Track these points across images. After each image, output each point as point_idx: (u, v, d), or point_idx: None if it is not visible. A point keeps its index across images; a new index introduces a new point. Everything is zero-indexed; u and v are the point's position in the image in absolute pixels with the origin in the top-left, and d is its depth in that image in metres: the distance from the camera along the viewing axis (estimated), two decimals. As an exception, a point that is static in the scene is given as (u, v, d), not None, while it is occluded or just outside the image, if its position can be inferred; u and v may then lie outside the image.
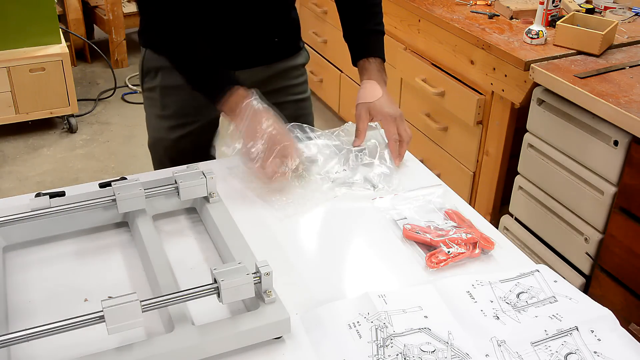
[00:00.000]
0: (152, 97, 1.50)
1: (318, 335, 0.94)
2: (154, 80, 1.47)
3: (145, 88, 1.52)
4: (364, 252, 1.12)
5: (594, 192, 1.75)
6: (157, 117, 1.51)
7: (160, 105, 1.49)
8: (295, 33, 1.54)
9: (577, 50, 1.93)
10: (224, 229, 1.09)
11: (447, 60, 2.25)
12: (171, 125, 1.49)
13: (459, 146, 2.31)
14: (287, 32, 1.51)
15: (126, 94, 3.77)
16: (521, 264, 1.10)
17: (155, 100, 1.49)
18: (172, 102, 1.47)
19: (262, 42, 1.45)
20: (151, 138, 1.55)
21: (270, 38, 1.46)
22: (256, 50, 1.45)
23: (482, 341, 0.92)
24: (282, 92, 1.52)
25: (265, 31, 1.44)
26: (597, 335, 0.94)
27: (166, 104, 1.47)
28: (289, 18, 1.50)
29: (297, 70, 1.55)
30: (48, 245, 1.12)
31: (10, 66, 3.05)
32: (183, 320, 0.91)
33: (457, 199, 1.27)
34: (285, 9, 1.47)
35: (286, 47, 1.52)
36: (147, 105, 1.53)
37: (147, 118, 1.55)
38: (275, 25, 1.46)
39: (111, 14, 3.93)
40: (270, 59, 1.49)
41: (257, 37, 1.43)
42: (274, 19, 1.45)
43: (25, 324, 0.92)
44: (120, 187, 1.10)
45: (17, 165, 3.11)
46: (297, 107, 1.55)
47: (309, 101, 1.61)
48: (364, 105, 1.37)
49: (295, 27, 1.53)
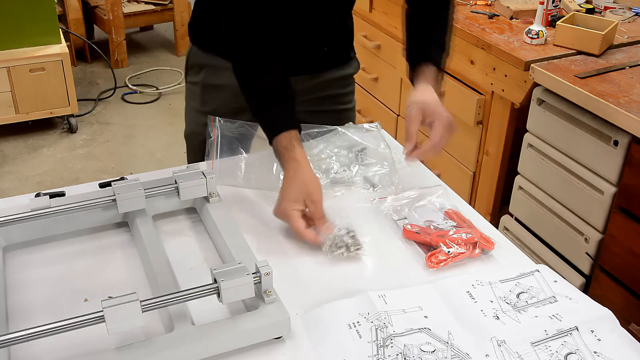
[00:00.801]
0: (193, 90, 1.49)
1: (318, 335, 0.94)
2: (197, 76, 1.46)
3: (188, 81, 1.50)
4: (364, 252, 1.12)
5: (594, 192, 1.75)
6: (196, 112, 1.49)
7: (200, 100, 1.47)
8: (347, 42, 1.49)
9: (577, 50, 1.93)
10: (224, 229, 1.09)
11: (447, 60, 2.25)
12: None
13: (459, 146, 2.31)
14: (338, 41, 1.46)
15: (126, 94, 3.77)
16: (521, 264, 1.10)
17: (196, 95, 1.48)
18: (212, 99, 1.45)
19: (311, 51, 1.40)
20: (188, 129, 1.54)
21: (320, 47, 1.41)
22: (304, 58, 1.40)
23: (482, 341, 0.92)
24: (328, 101, 1.48)
25: (316, 40, 1.39)
26: (597, 335, 0.94)
27: (206, 100, 1.46)
28: (343, 27, 1.45)
29: (345, 80, 1.51)
30: (48, 245, 1.12)
31: (10, 66, 3.05)
32: (183, 320, 0.91)
33: (457, 199, 1.27)
34: (340, 18, 1.42)
35: (336, 57, 1.47)
36: (188, 97, 1.52)
37: (186, 109, 1.53)
38: (327, 33, 1.41)
39: (111, 14, 3.94)
40: (319, 68, 1.44)
41: (306, 45, 1.39)
42: (327, 27, 1.40)
43: (25, 324, 0.92)
44: (120, 187, 1.10)
45: (17, 165, 3.11)
46: (341, 117, 1.51)
47: (353, 112, 1.56)
48: (417, 105, 1.24)
49: (348, 36, 1.48)
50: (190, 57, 1.47)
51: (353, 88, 1.55)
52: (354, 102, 1.56)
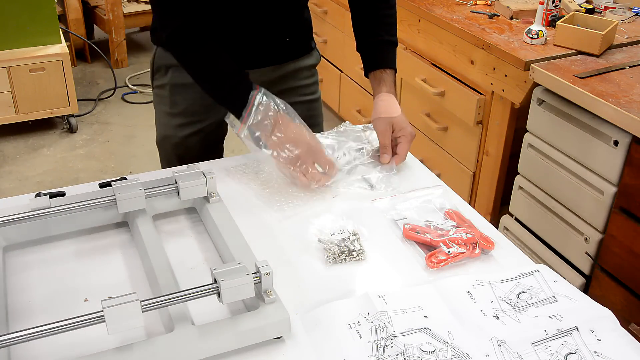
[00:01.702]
0: (161, 94, 1.50)
1: (318, 335, 0.94)
2: (164, 78, 1.47)
3: (155, 85, 1.51)
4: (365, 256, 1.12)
5: (594, 192, 1.75)
6: (166, 115, 1.50)
7: (169, 102, 1.48)
8: (307, 33, 1.53)
9: (577, 50, 1.93)
10: (224, 229, 1.09)
11: (447, 60, 2.25)
12: (180, 123, 1.49)
13: (459, 146, 2.31)
14: (298, 32, 1.49)
15: (126, 94, 3.77)
16: (521, 264, 1.10)
17: (164, 98, 1.49)
18: (181, 100, 1.46)
19: (273, 41, 1.44)
20: (159, 135, 1.55)
21: (282, 38, 1.45)
22: (267, 50, 1.44)
23: (482, 341, 0.92)
24: (292, 93, 1.51)
25: (277, 31, 1.43)
26: (597, 335, 0.94)
27: (175, 101, 1.47)
28: (301, 18, 1.48)
29: (308, 70, 1.54)
30: (48, 245, 1.12)
31: (10, 66, 3.05)
32: (183, 320, 0.91)
33: (457, 199, 1.27)
34: (297, 8, 1.46)
35: (297, 47, 1.50)
36: (157, 102, 1.53)
37: (156, 115, 1.54)
38: (287, 25, 1.45)
39: (111, 14, 3.93)
40: (281, 59, 1.48)
41: (268, 37, 1.42)
42: (286, 18, 1.44)
43: (25, 324, 0.92)
44: (120, 187, 1.10)
45: (17, 165, 3.11)
46: (307, 108, 1.54)
47: (319, 102, 1.60)
48: (386, 120, 1.35)
49: (307, 27, 1.52)
50: (156, 59, 1.48)
51: (317, 79, 1.59)
52: (319, 92, 1.61)
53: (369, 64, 1.44)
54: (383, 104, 1.37)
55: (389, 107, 1.37)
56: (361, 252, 1.11)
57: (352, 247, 1.11)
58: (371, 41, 1.44)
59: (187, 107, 1.47)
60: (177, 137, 1.50)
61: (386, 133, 1.35)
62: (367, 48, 1.45)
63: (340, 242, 1.12)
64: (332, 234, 1.14)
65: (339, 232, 1.14)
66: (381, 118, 1.36)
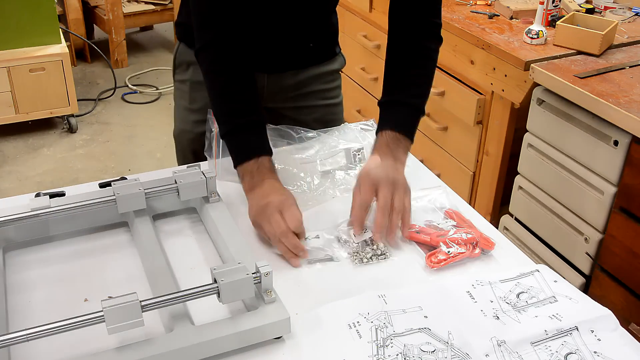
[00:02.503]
0: (182, 89, 1.50)
1: (318, 335, 0.94)
2: (185, 74, 1.47)
3: (177, 79, 1.51)
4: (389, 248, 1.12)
5: (594, 192, 1.75)
6: (185, 110, 1.50)
7: (189, 98, 1.48)
8: (332, 38, 1.50)
9: (577, 50, 1.93)
10: (224, 229, 1.09)
11: (447, 60, 2.25)
12: (197, 120, 1.47)
13: (459, 146, 2.31)
14: (323, 37, 1.46)
15: (126, 94, 3.77)
16: (521, 264, 1.10)
17: (184, 93, 1.49)
18: (200, 97, 1.45)
19: (297, 46, 1.41)
20: (177, 129, 1.55)
21: (306, 43, 1.42)
22: (290, 54, 1.41)
23: (482, 341, 0.92)
24: (313, 96, 1.49)
25: (302, 36, 1.40)
26: (597, 335, 0.94)
27: (195, 98, 1.47)
28: (327, 23, 1.45)
29: (331, 75, 1.51)
30: (48, 245, 1.12)
31: (10, 66, 3.05)
32: (183, 320, 0.91)
33: (457, 199, 1.27)
34: (325, 14, 1.43)
35: (321, 53, 1.48)
36: (177, 96, 1.53)
37: (175, 108, 1.54)
38: (313, 30, 1.42)
39: (111, 14, 3.93)
40: (304, 64, 1.45)
41: (292, 42, 1.39)
42: (313, 23, 1.41)
43: (25, 324, 0.92)
44: (120, 187, 1.10)
45: (17, 165, 3.11)
46: (327, 112, 1.52)
47: (340, 106, 1.57)
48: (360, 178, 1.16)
49: (333, 32, 1.49)
50: (178, 55, 1.48)
51: (339, 83, 1.56)
52: (341, 97, 1.57)
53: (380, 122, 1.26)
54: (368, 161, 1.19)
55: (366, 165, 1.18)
56: (385, 249, 1.11)
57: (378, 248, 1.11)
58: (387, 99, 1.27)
59: (205, 104, 1.45)
60: (194, 132, 1.49)
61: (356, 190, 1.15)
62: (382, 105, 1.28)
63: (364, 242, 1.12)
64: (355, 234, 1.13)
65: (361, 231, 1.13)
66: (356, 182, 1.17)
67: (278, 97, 1.45)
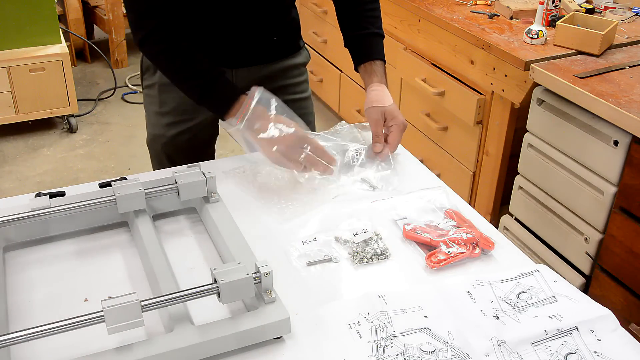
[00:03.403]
0: (150, 94, 1.51)
1: (318, 335, 0.94)
2: (153, 77, 1.48)
3: (145, 85, 1.53)
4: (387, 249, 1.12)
5: (594, 192, 1.75)
6: (156, 114, 1.52)
7: (158, 102, 1.49)
8: (295, 32, 1.53)
9: (577, 50, 1.93)
10: (224, 229, 1.09)
11: (447, 60, 2.25)
12: (169, 122, 1.49)
13: (458, 146, 2.31)
14: (286, 31, 1.50)
15: (126, 94, 3.77)
16: (521, 264, 1.10)
17: (153, 97, 1.50)
18: (170, 99, 1.47)
19: (261, 40, 1.44)
20: (149, 135, 1.56)
21: (269, 36, 1.45)
22: (255, 48, 1.45)
23: (482, 341, 0.92)
24: (282, 91, 1.51)
25: (264, 29, 1.44)
26: (597, 335, 0.94)
27: (164, 100, 1.48)
28: (288, 17, 1.49)
29: (297, 69, 1.55)
30: (48, 245, 1.12)
31: (10, 66, 3.05)
32: (183, 320, 0.91)
33: (457, 199, 1.27)
34: (285, 7, 1.47)
35: (285, 46, 1.51)
36: (147, 102, 1.54)
37: (147, 115, 1.56)
38: (275, 23, 1.45)
39: (111, 14, 3.93)
40: (269, 58, 1.48)
41: (256, 35, 1.43)
42: (274, 17, 1.44)
43: (25, 324, 0.92)
44: (120, 187, 1.10)
45: (17, 165, 3.11)
46: (297, 107, 1.53)
47: (310, 101, 1.61)
48: (379, 109, 1.36)
49: (295, 26, 1.53)
50: (144, 60, 1.50)
51: (306, 77, 1.59)
52: (309, 91, 1.61)
53: (358, 57, 1.45)
54: (375, 93, 1.38)
55: (380, 96, 1.37)
56: (385, 249, 1.11)
57: (378, 247, 1.11)
58: (358, 35, 1.45)
59: (175, 105, 1.47)
60: (166, 136, 1.51)
61: (379, 122, 1.36)
62: (355, 42, 1.46)
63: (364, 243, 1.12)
64: (355, 234, 1.13)
65: (361, 231, 1.14)
66: (373, 107, 1.36)
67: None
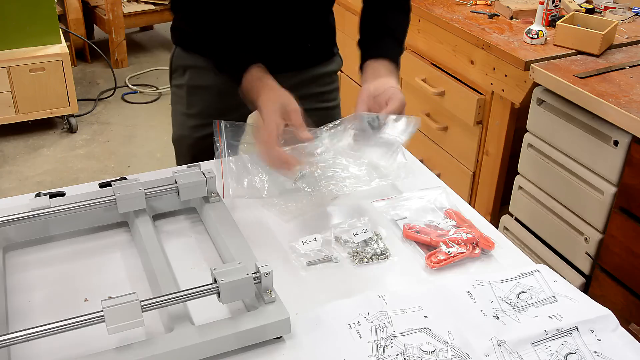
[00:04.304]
0: (179, 94, 1.49)
1: (318, 335, 0.94)
2: (182, 78, 1.47)
3: (173, 84, 1.51)
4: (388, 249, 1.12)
5: (594, 192, 1.75)
6: (182, 115, 1.50)
7: (186, 103, 1.48)
8: (330, 38, 1.49)
9: (577, 50, 1.93)
10: (224, 229, 1.09)
11: (447, 60, 2.25)
12: (195, 124, 1.48)
13: (459, 146, 2.31)
14: (321, 37, 1.46)
15: (126, 94, 3.77)
16: (521, 264, 1.10)
17: (181, 98, 1.49)
18: (197, 101, 1.46)
19: (294, 46, 1.41)
20: (175, 134, 1.55)
21: (304, 43, 1.42)
22: (288, 55, 1.40)
23: (482, 341, 0.92)
24: (312, 99, 1.48)
25: (299, 35, 1.40)
26: (597, 335, 0.94)
27: (192, 102, 1.47)
28: (325, 23, 1.45)
29: (329, 77, 1.51)
30: (48, 245, 1.12)
31: (10, 66, 3.05)
32: (183, 320, 0.91)
33: (457, 199, 1.27)
34: (322, 14, 1.43)
35: (319, 53, 1.47)
36: (174, 101, 1.53)
37: (173, 113, 1.54)
38: (310, 29, 1.42)
39: (111, 14, 3.94)
40: (302, 65, 1.45)
41: (289, 42, 1.39)
42: (309, 23, 1.41)
43: (25, 324, 0.92)
44: (120, 187, 1.10)
45: (17, 165, 3.11)
46: (326, 115, 1.51)
47: (338, 109, 1.57)
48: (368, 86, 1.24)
49: (331, 32, 1.48)
50: (174, 59, 1.48)
51: (337, 85, 1.56)
52: (339, 99, 1.57)
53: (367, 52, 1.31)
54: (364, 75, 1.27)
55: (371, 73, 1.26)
56: (385, 249, 1.11)
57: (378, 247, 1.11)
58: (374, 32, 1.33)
59: (203, 109, 1.45)
60: (193, 137, 1.49)
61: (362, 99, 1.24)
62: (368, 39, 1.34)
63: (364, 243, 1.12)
64: (355, 234, 1.13)
65: (361, 231, 1.13)
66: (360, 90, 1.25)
67: None
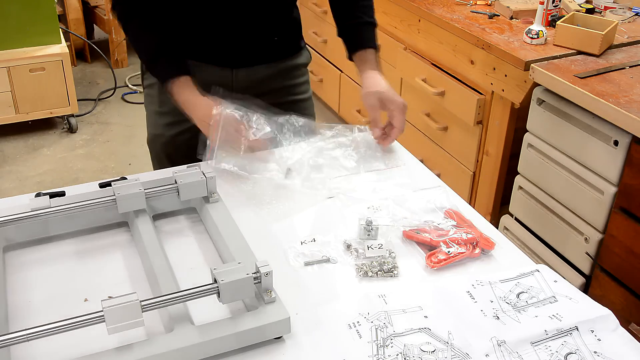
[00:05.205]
0: (150, 93, 1.52)
1: (318, 335, 0.94)
2: (152, 78, 1.48)
3: (145, 85, 1.53)
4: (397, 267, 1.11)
5: (594, 192, 1.75)
6: (155, 114, 1.52)
7: (157, 102, 1.50)
8: (296, 33, 1.53)
9: (577, 50, 1.93)
10: (224, 229, 1.09)
11: (447, 60, 2.25)
12: (168, 122, 1.50)
13: (459, 146, 2.31)
14: (287, 31, 1.50)
15: (126, 94, 3.77)
16: (521, 264, 1.10)
17: (153, 97, 1.51)
18: (169, 98, 1.46)
19: (261, 40, 1.45)
20: (150, 135, 1.56)
21: (270, 37, 1.46)
22: (255, 48, 1.45)
23: (482, 341, 0.92)
24: (283, 92, 1.52)
25: (265, 29, 1.44)
26: (597, 335, 0.94)
27: (164, 100, 1.48)
28: (289, 17, 1.49)
29: (298, 70, 1.55)
30: (48, 245, 1.12)
31: (10, 66, 3.05)
32: (183, 320, 0.91)
33: (457, 199, 1.27)
34: (286, 7, 1.47)
35: (286, 47, 1.51)
36: (147, 102, 1.55)
37: (147, 115, 1.56)
38: (276, 23, 1.45)
39: (111, 14, 3.93)
40: (270, 58, 1.48)
41: (256, 35, 1.43)
42: (274, 17, 1.44)
43: (25, 324, 0.92)
44: (120, 187, 1.10)
45: (17, 165, 3.11)
46: (298, 108, 1.54)
47: (311, 101, 1.61)
48: (375, 94, 1.37)
49: (296, 26, 1.53)
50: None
51: (307, 78, 1.60)
52: (310, 92, 1.61)
53: (351, 46, 1.46)
54: (370, 80, 1.40)
55: (375, 82, 1.39)
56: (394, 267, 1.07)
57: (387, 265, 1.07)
58: (351, 24, 1.47)
59: (175, 106, 1.47)
60: (166, 136, 1.51)
61: (375, 107, 1.37)
62: (348, 31, 1.48)
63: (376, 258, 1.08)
64: (369, 247, 1.09)
65: (376, 246, 1.10)
66: (369, 92, 1.38)
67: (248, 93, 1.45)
